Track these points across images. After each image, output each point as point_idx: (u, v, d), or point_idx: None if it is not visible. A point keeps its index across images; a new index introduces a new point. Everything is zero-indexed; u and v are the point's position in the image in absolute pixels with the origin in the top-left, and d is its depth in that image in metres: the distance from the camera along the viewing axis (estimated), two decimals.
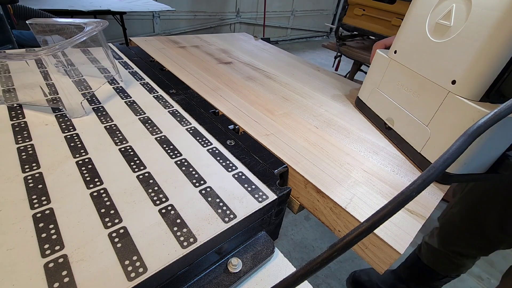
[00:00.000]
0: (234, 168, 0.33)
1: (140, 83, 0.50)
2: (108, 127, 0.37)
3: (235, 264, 0.28)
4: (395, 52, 0.44)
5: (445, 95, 0.35)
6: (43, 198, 0.26)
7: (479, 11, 0.32)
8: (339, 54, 1.52)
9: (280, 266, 0.29)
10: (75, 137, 0.34)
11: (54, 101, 0.40)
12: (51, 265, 0.21)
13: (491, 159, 0.36)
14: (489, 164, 0.36)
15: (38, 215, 0.24)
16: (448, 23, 0.35)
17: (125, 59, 0.59)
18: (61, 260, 0.21)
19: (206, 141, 0.37)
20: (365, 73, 1.37)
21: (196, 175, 0.31)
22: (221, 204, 0.28)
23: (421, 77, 0.39)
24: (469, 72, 0.32)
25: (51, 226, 0.24)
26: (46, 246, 0.22)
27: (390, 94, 0.45)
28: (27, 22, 0.43)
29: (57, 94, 0.42)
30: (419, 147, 0.39)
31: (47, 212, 0.25)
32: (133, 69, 0.55)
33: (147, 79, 0.52)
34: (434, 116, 0.37)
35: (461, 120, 0.33)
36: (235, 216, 0.27)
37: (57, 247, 0.22)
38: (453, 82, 0.34)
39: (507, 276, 0.66)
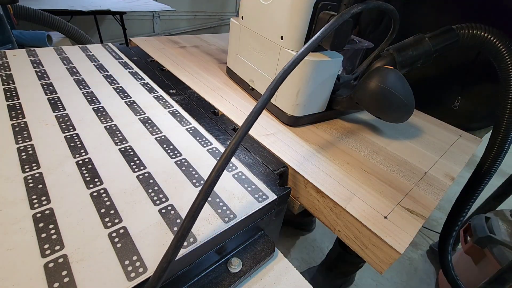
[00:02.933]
0: (234, 168, 0.33)
1: (140, 83, 0.50)
2: (108, 127, 0.37)
3: (235, 264, 0.28)
4: (242, 18, 0.48)
5: (279, 50, 0.41)
6: (43, 198, 0.26)
7: None
8: None
9: (280, 266, 0.29)
10: (75, 137, 0.34)
11: None
12: (51, 265, 0.21)
13: (323, 100, 0.44)
14: (324, 105, 0.45)
15: (38, 215, 0.24)
16: None
17: (125, 59, 0.59)
18: (61, 260, 0.21)
19: (206, 141, 0.37)
20: None
21: (196, 175, 0.31)
22: (221, 204, 0.28)
23: (262, 37, 0.44)
24: (289, 28, 0.38)
25: (51, 226, 0.24)
26: (46, 246, 0.22)
27: (247, 57, 0.49)
28: None
29: None
30: (273, 99, 0.45)
31: (47, 212, 0.25)
32: (133, 69, 0.55)
33: (147, 79, 0.52)
34: (276, 70, 0.42)
35: (295, 70, 0.38)
36: (235, 216, 0.27)
37: (57, 247, 0.22)
38: (282, 37, 0.39)
39: None
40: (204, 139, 0.38)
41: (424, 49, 0.38)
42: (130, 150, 0.33)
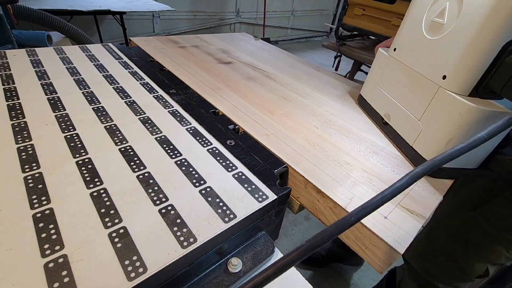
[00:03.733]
0: (234, 168, 0.33)
1: (140, 83, 0.50)
2: (108, 127, 0.37)
3: (235, 264, 0.28)
4: (395, 49, 0.45)
5: (436, 90, 0.36)
6: (43, 198, 0.26)
7: (469, 8, 0.33)
8: (339, 54, 1.52)
9: None
10: (75, 137, 0.34)
11: None
12: (51, 265, 0.21)
13: (482, 154, 0.37)
14: (481, 160, 0.37)
15: (38, 215, 0.24)
16: (441, 21, 0.36)
17: (125, 59, 0.59)
18: (61, 260, 0.21)
19: (206, 141, 0.37)
20: (366, 73, 1.37)
21: (196, 175, 0.31)
22: (221, 204, 0.28)
23: (416, 73, 0.40)
24: (458, 67, 0.34)
25: (51, 226, 0.24)
26: (46, 246, 0.22)
27: (388, 90, 0.46)
28: None
29: None
30: (411, 141, 0.40)
31: (47, 212, 0.25)
32: (133, 69, 0.55)
33: (147, 79, 0.52)
34: (426, 111, 0.38)
35: (450, 114, 0.34)
36: (235, 216, 0.27)
37: (57, 247, 0.22)
38: (444, 77, 0.35)
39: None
40: (204, 139, 0.38)
41: None
42: (130, 150, 0.33)
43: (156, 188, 0.29)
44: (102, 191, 0.27)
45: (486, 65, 0.32)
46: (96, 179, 0.29)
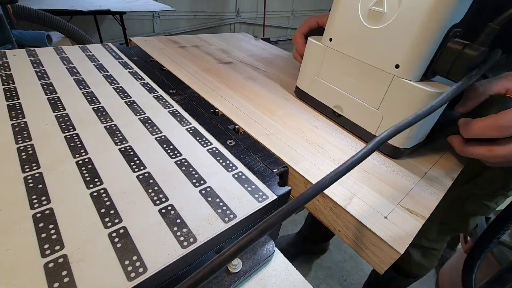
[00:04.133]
0: (234, 168, 0.33)
1: (140, 83, 0.50)
2: (108, 127, 0.37)
3: (235, 264, 0.28)
4: (330, 40, 0.44)
5: (390, 79, 0.37)
6: (43, 198, 0.26)
7: None
8: None
9: (280, 266, 0.29)
10: (75, 137, 0.34)
11: None
12: (51, 265, 0.21)
13: (429, 129, 0.41)
14: (425, 134, 0.41)
15: (38, 215, 0.24)
16: (381, 10, 0.36)
17: (125, 59, 0.59)
18: (61, 260, 0.21)
19: (206, 141, 0.37)
20: None
21: (196, 175, 0.31)
22: (221, 204, 0.28)
23: (363, 63, 0.40)
24: (411, 56, 0.35)
25: (51, 226, 0.24)
26: (46, 246, 0.22)
27: (333, 82, 0.45)
28: None
29: None
30: (373, 129, 0.41)
31: (47, 212, 0.25)
32: (133, 69, 0.55)
33: (147, 79, 0.52)
34: (383, 100, 0.39)
35: (410, 100, 0.36)
36: (235, 216, 0.27)
37: (57, 247, 0.22)
38: (397, 66, 0.36)
39: None
40: (204, 139, 0.38)
41: None
42: (130, 150, 0.33)
43: (156, 188, 0.29)
44: (102, 191, 0.27)
45: (434, 51, 0.34)
46: (96, 179, 0.29)
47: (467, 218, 0.66)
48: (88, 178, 0.29)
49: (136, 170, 0.31)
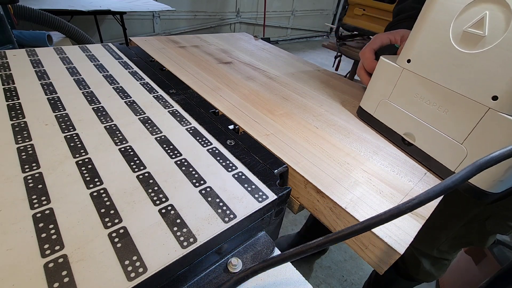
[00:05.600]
0: (234, 168, 0.33)
1: (140, 83, 0.50)
2: (108, 127, 0.37)
3: (235, 264, 0.28)
4: (409, 61, 0.40)
5: (484, 111, 0.32)
6: (43, 198, 0.26)
7: None
8: (339, 54, 1.52)
9: (280, 266, 0.29)
10: (75, 137, 0.34)
11: None
12: (51, 265, 0.21)
13: None
14: None
15: (38, 215, 0.24)
16: (481, 33, 0.31)
17: (125, 59, 0.59)
18: (61, 260, 0.21)
19: (206, 141, 0.37)
20: None
21: (196, 175, 0.31)
22: (221, 204, 0.28)
23: (449, 90, 0.35)
24: None
25: (51, 226, 0.24)
26: (46, 246, 0.22)
27: (407, 107, 0.41)
28: None
29: None
30: (452, 166, 0.36)
31: (47, 212, 0.25)
32: (133, 69, 0.55)
33: (147, 79, 0.52)
34: (471, 134, 0.34)
35: (507, 139, 0.30)
36: (235, 216, 0.27)
37: (57, 247, 0.22)
38: (494, 98, 0.31)
39: None
40: (204, 139, 0.38)
41: None
42: (130, 150, 0.33)
43: (156, 188, 0.29)
44: (102, 191, 0.27)
45: None
46: (96, 179, 0.29)
47: (487, 235, 0.64)
48: (88, 178, 0.29)
49: (136, 170, 0.31)
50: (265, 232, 0.32)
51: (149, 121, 0.40)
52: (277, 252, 0.31)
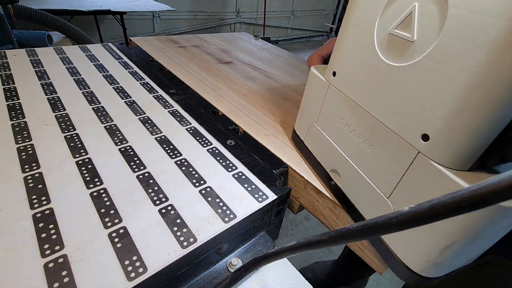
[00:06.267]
0: (234, 168, 0.33)
1: (140, 83, 0.50)
2: (108, 127, 0.37)
3: (235, 264, 0.28)
4: (334, 74, 0.29)
5: (413, 156, 0.21)
6: (43, 198, 0.26)
7: (464, 16, 0.18)
8: None
9: (280, 266, 0.29)
10: (75, 137, 0.34)
11: None
12: (51, 265, 0.21)
13: (480, 252, 0.23)
14: (472, 258, 0.24)
15: (38, 215, 0.24)
16: (408, 35, 0.21)
17: (125, 59, 0.59)
18: (61, 260, 0.21)
19: (206, 141, 0.37)
20: None
21: (196, 175, 0.31)
22: (221, 204, 0.28)
23: (374, 119, 0.25)
24: (451, 123, 0.19)
25: (51, 226, 0.24)
26: (46, 246, 0.22)
27: (333, 135, 0.31)
28: None
29: None
30: (387, 238, 0.26)
31: (47, 212, 0.25)
32: (133, 69, 0.55)
33: (147, 79, 0.52)
34: (398, 186, 0.23)
35: (433, 191, 0.20)
36: (235, 216, 0.27)
37: (57, 247, 0.22)
38: (425, 137, 0.20)
39: None
40: (204, 139, 0.38)
41: None
42: (130, 150, 0.33)
43: (156, 188, 0.29)
44: (102, 191, 0.27)
45: (505, 121, 0.17)
46: (96, 179, 0.29)
47: None
48: (88, 178, 0.29)
49: (136, 170, 0.31)
50: (265, 232, 0.32)
51: (149, 121, 0.40)
52: None
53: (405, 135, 0.22)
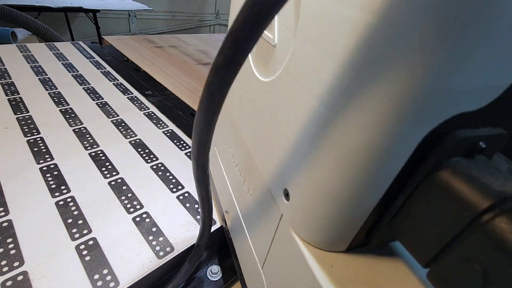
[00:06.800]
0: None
1: (113, 83, 0.48)
2: (77, 130, 0.35)
3: (215, 272, 0.27)
4: None
5: (278, 218, 0.15)
6: (0, 209, 0.24)
7: (317, 5, 0.10)
8: None
9: None
10: (39, 141, 0.32)
11: None
12: (9, 283, 0.19)
13: None
14: None
15: None
16: (270, 36, 0.15)
17: (97, 58, 0.56)
18: (20, 277, 0.19)
19: (184, 144, 0.36)
20: None
21: (174, 180, 0.30)
22: (200, 210, 0.27)
23: (248, 151, 0.18)
24: (308, 179, 0.12)
25: (9, 240, 0.21)
26: (4, 262, 0.20)
27: (226, 166, 0.24)
28: None
29: None
30: None
31: (5, 224, 0.22)
32: (105, 69, 0.53)
33: (121, 80, 0.50)
34: (269, 255, 0.17)
35: (297, 280, 0.14)
36: (215, 222, 0.26)
37: (16, 263, 0.20)
38: (286, 195, 0.14)
39: None
40: (182, 142, 0.36)
41: None
42: (101, 155, 0.31)
43: (129, 195, 0.27)
44: (69, 200, 0.25)
45: (388, 182, 0.11)
46: (63, 187, 0.27)
47: None
48: (53, 186, 0.27)
49: (108, 176, 0.29)
50: None
51: (123, 124, 0.37)
52: None
53: (271, 184, 0.15)
